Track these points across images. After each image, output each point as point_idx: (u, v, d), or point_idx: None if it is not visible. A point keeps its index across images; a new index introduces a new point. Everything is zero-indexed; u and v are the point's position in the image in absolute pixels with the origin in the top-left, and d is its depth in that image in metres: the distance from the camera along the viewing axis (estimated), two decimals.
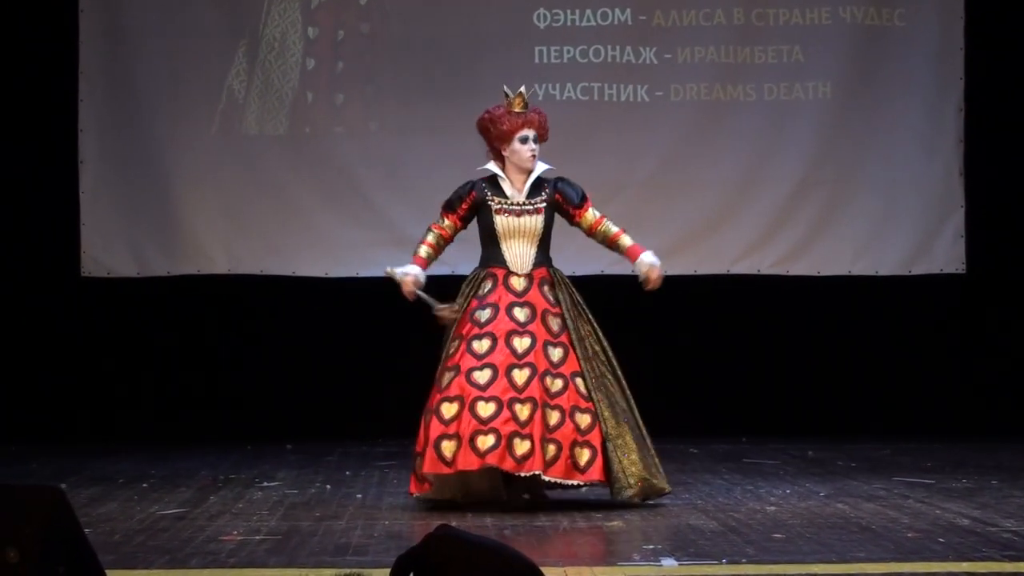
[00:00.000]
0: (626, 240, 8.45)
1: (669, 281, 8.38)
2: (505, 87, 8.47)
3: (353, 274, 11.35)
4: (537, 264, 8.34)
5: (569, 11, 11.50)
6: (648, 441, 8.20)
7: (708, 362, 11.25)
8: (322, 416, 11.15)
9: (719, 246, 11.37)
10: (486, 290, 8.29)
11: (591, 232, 8.51)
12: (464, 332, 8.19)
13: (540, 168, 8.41)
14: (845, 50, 11.52)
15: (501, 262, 8.36)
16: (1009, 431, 11.01)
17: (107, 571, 4.60)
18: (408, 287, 8.43)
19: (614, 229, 8.46)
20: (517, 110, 8.39)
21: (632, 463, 8.09)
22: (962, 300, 11.54)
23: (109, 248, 11.38)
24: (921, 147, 11.48)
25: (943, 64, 11.49)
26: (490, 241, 8.44)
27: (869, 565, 6.47)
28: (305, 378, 11.32)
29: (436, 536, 2.20)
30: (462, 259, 11.30)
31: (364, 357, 11.33)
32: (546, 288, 8.30)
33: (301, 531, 7.39)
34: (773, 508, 8.07)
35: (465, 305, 8.31)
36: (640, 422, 8.22)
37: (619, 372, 8.26)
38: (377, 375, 11.28)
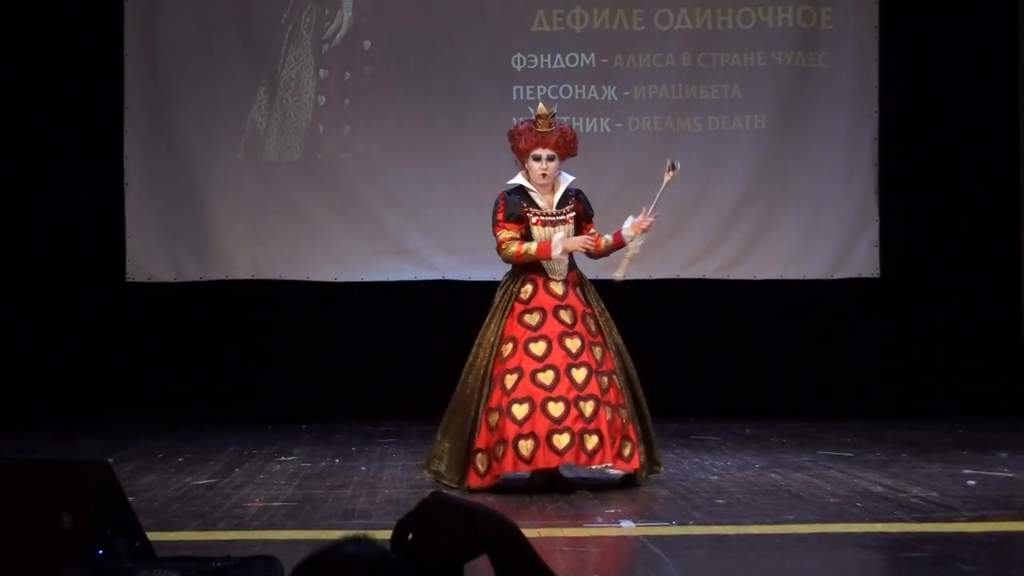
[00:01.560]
0: (608, 236, 7.95)
1: (629, 284, 8.35)
2: (540, 104, 8.09)
3: (359, 279, 11.36)
4: (570, 269, 7.87)
5: (542, 56, 11.51)
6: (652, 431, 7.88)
7: (661, 353, 11.22)
8: (332, 400, 11.14)
9: (671, 254, 11.36)
10: (529, 294, 7.76)
11: None
12: (517, 335, 7.65)
13: (565, 182, 7.94)
14: (777, 88, 11.53)
15: (539, 269, 7.80)
16: (917, 412, 11.03)
17: (148, 533, 4.59)
18: (581, 242, 7.80)
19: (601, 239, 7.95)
20: (539, 129, 7.88)
21: (645, 452, 7.73)
22: (876, 301, 11.57)
23: (150, 257, 11.38)
24: (841, 170, 11.51)
25: (860, 100, 11.51)
26: None
27: (797, 526, 6.48)
28: (317, 368, 11.31)
29: (430, 501, 2.19)
30: (452, 264, 11.34)
31: (367, 349, 11.33)
32: (579, 290, 7.85)
33: (314, 498, 7.39)
34: (716, 478, 8.08)
35: (509, 308, 7.76)
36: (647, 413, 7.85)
37: (633, 368, 7.89)
38: (378, 365, 11.28)
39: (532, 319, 7.68)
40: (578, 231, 7.90)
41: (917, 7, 11.50)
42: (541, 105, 8.09)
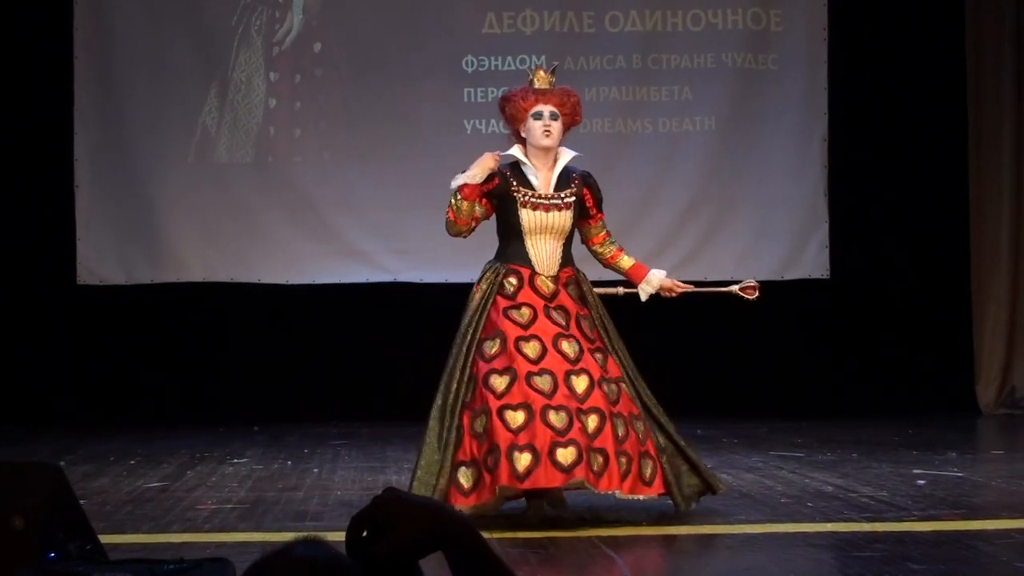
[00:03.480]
0: (627, 259, 6.92)
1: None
2: (538, 63, 7.10)
3: (309, 281, 11.35)
4: (563, 264, 6.64)
5: (492, 58, 11.53)
6: (683, 442, 6.67)
7: None
8: (284, 402, 11.13)
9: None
10: (513, 288, 6.54)
11: (592, 242, 6.87)
12: (506, 331, 6.42)
13: (567, 156, 6.70)
14: (727, 90, 11.58)
15: (525, 260, 6.59)
16: (867, 412, 11.09)
17: (100, 536, 4.57)
18: (487, 161, 6.56)
19: (614, 248, 6.90)
20: (537, 86, 6.74)
21: (687, 472, 6.60)
22: (826, 302, 11.62)
23: (101, 259, 11.35)
24: (791, 172, 11.56)
25: (810, 102, 11.57)
26: (513, 236, 6.63)
27: (748, 526, 6.50)
28: (269, 370, 11.29)
29: (383, 498, 2.19)
30: (403, 267, 11.34)
31: (318, 351, 11.33)
32: (571, 288, 6.63)
33: (266, 500, 7.37)
34: None
35: (489, 301, 6.55)
36: (670, 425, 6.68)
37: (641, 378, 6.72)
38: (330, 366, 11.27)
39: (521, 315, 6.48)
40: (579, 221, 6.73)
41: (866, 9, 11.56)
42: (533, 68, 7.14)
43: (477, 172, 6.54)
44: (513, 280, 6.55)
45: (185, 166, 11.42)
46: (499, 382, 6.29)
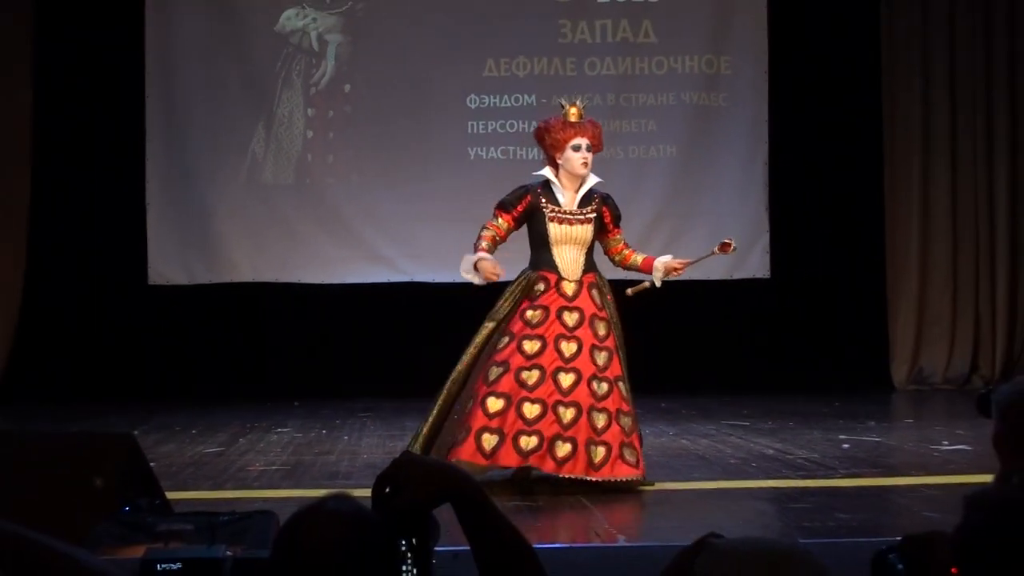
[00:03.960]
0: (638, 256, 6.82)
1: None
2: (562, 99, 6.84)
3: (340, 281, 11.34)
4: (586, 270, 6.56)
5: (492, 96, 11.51)
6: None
7: None
8: (319, 381, 11.09)
9: (601, 261, 11.36)
10: (538, 292, 6.46)
11: (611, 252, 6.81)
12: (515, 330, 6.37)
13: (592, 180, 6.64)
14: (686, 123, 11.57)
15: (552, 267, 6.51)
16: (801, 388, 11.07)
17: (167, 493, 4.56)
18: (487, 270, 6.49)
19: (628, 251, 6.84)
20: (572, 120, 6.63)
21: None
22: (768, 297, 11.62)
23: (167, 264, 11.34)
24: (739, 190, 11.55)
25: (754, 132, 11.56)
26: (542, 246, 6.56)
27: (703, 483, 6.51)
28: (307, 354, 11.27)
29: (400, 460, 2.20)
30: (418, 269, 11.33)
31: (348, 338, 11.31)
32: (594, 292, 6.52)
33: (304, 463, 7.37)
34: None
35: (517, 302, 6.48)
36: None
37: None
38: (357, 351, 11.26)
39: (534, 316, 6.41)
40: (599, 235, 6.67)
41: (800, 57, 11.55)
42: (563, 99, 6.86)
43: (475, 279, 6.59)
44: (541, 286, 6.48)
45: (237, 186, 11.41)
46: (494, 372, 6.28)
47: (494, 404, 6.20)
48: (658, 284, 6.83)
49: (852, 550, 4.62)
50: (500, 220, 6.60)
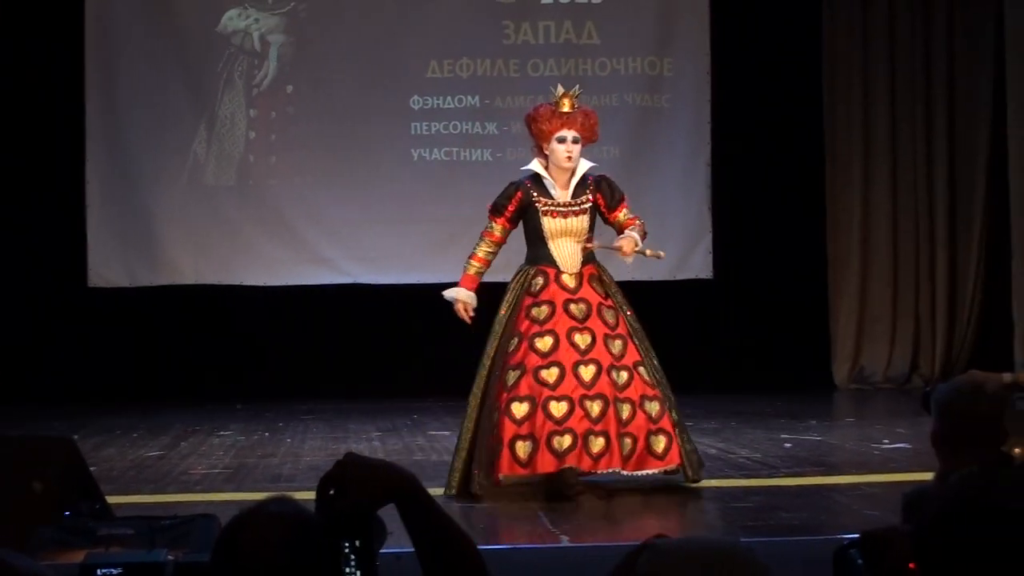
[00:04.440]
0: (634, 230, 6.51)
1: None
2: (559, 85, 6.59)
3: (283, 283, 11.30)
4: (585, 262, 6.38)
5: (435, 97, 11.50)
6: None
7: None
8: (262, 383, 11.05)
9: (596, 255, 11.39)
10: (539, 287, 6.25)
11: (620, 228, 6.55)
12: (523, 329, 6.14)
13: (584, 167, 6.42)
14: (629, 124, 11.60)
15: (551, 261, 6.31)
16: (743, 388, 11.13)
17: (108, 497, 4.53)
18: (460, 313, 6.45)
19: (633, 223, 6.56)
20: (563, 110, 6.36)
21: (692, 451, 6.27)
22: (710, 297, 11.67)
23: (108, 266, 11.27)
24: (681, 191, 11.60)
25: (696, 133, 11.62)
26: (538, 241, 6.37)
27: (648, 482, 6.50)
28: (249, 356, 11.22)
29: (344, 461, 2.20)
30: (361, 270, 11.30)
31: (290, 340, 11.26)
32: (595, 283, 6.36)
33: (247, 466, 7.33)
34: None
35: (519, 300, 6.28)
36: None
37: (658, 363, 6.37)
38: (300, 353, 11.22)
39: (540, 312, 6.19)
40: (595, 221, 6.47)
41: (741, 57, 11.61)
42: (560, 86, 6.59)
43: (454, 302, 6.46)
44: (540, 280, 6.28)
45: (179, 187, 11.34)
46: (512, 376, 6.05)
47: (519, 409, 5.97)
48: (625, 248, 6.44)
49: (794, 549, 4.65)
50: (495, 226, 6.44)
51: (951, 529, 2.21)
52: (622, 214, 6.53)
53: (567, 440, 5.91)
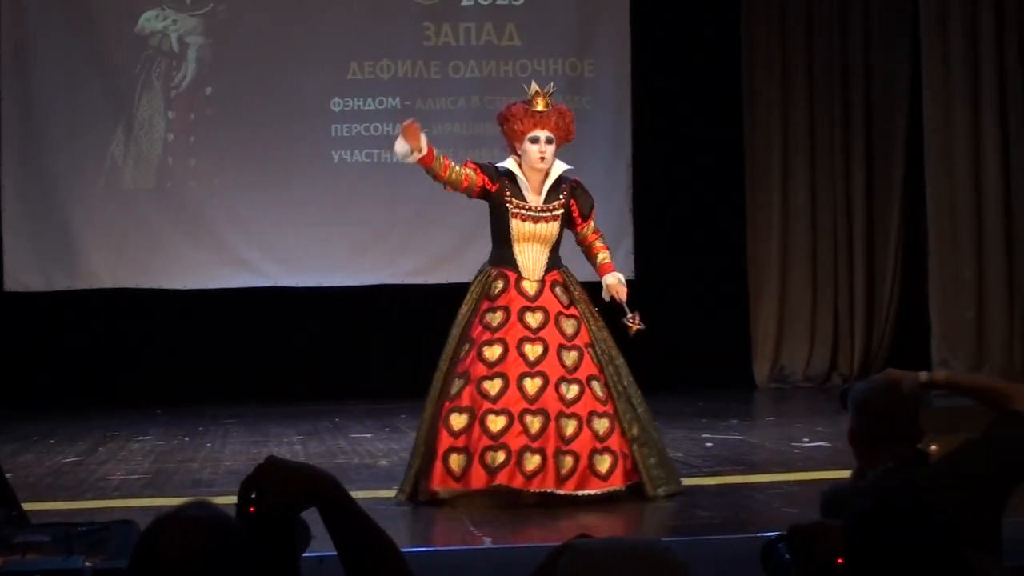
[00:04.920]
0: (603, 256, 6.45)
1: (436, 286, 8.28)
2: (533, 83, 6.40)
3: (203, 286, 11.22)
4: (549, 268, 6.17)
5: (356, 99, 11.46)
6: (656, 435, 6.18)
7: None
8: (182, 387, 10.94)
9: (465, 262, 11.33)
10: (497, 291, 6.05)
11: (583, 244, 6.45)
12: (475, 335, 5.95)
13: (558, 169, 6.22)
14: None
15: (513, 265, 6.11)
16: (663, 387, 11.14)
17: (24, 504, 4.48)
18: (408, 128, 6.04)
19: (599, 244, 6.46)
20: (536, 109, 6.18)
21: (655, 465, 6.02)
22: (633, 298, 11.68)
23: (25, 270, 11.12)
24: (602, 193, 11.44)
25: (617, 135, 11.66)
26: (503, 241, 6.18)
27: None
28: (168, 360, 11.10)
29: (264, 465, 2.19)
30: (281, 273, 11.24)
31: (210, 344, 11.16)
32: (558, 290, 6.15)
33: (167, 471, 7.28)
34: None
35: (477, 302, 6.07)
36: (654, 424, 6.24)
37: (629, 373, 6.27)
38: (220, 356, 11.12)
39: (494, 318, 5.98)
40: (566, 227, 6.28)
41: (663, 59, 11.67)
42: (534, 84, 6.41)
43: (406, 148, 6.07)
44: (499, 284, 6.07)
45: (96, 191, 11.22)
46: (456, 386, 5.86)
47: (457, 421, 5.78)
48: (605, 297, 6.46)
49: (714, 547, 4.69)
50: (472, 173, 6.15)
51: (872, 526, 2.25)
52: (589, 228, 6.39)
53: (500, 456, 5.72)
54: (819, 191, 11.92)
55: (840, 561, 2.34)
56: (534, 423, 5.76)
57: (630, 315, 6.51)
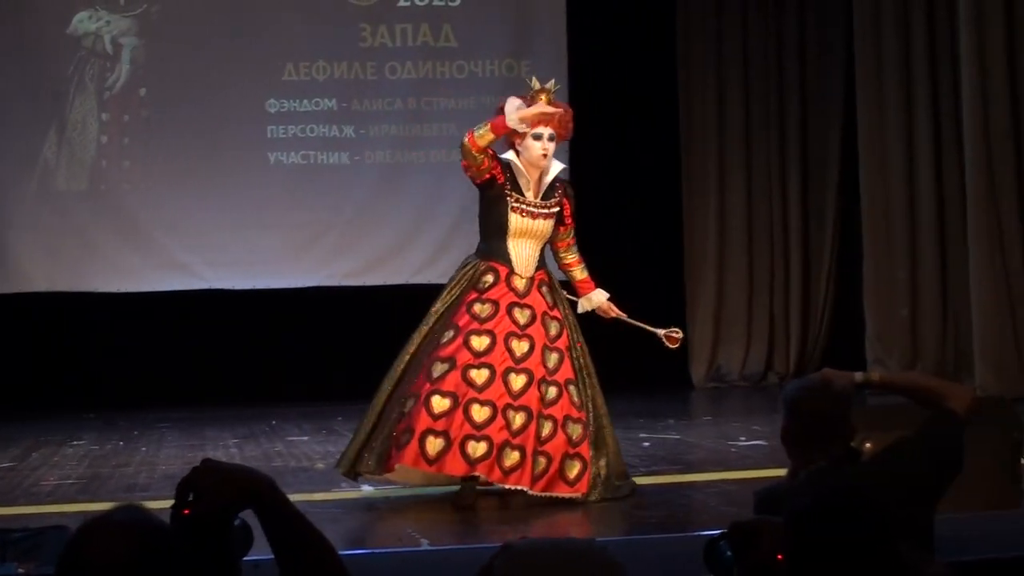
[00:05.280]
0: (579, 273, 6.53)
1: (372, 288, 8.23)
2: (534, 79, 6.39)
3: (137, 289, 11.13)
4: (538, 267, 6.20)
5: (291, 100, 11.41)
6: (618, 445, 6.18)
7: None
8: (116, 391, 10.86)
9: (402, 264, 11.38)
10: (487, 284, 6.01)
11: (558, 245, 6.40)
12: (462, 324, 5.88)
13: (555, 168, 6.19)
14: None
15: (505, 260, 6.09)
16: (602, 388, 11.20)
17: None
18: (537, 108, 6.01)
19: (574, 256, 6.52)
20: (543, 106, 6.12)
21: (604, 466, 6.02)
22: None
23: None
24: None
25: None
26: (497, 235, 6.16)
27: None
28: (103, 364, 11.01)
29: (200, 467, 2.18)
30: (217, 276, 11.17)
31: (145, 347, 11.08)
32: (544, 290, 6.15)
33: (101, 476, 7.21)
34: None
35: (462, 293, 6.02)
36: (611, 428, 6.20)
37: (596, 379, 6.24)
38: (156, 360, 11.05)
39: (483, 310, 5.94)
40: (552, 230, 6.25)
41: (597, 59, 11.72)
42: (536, 80, 6.39)
43: (520, 124, 5.99)
44: (489, 277, 6.04)
45: (29, 194, 11.11)
46: (438, 369, 5.78)
47: (439, 404, 5.69)
48: (579, 310, 6.52)
49: (651, 546, 4.71)
50: (489, 153, 6.10)
51: (811, 524, 2.28)
52: (569, 232, 6.40)
53: (482, 447, 5.68)
54: (754, 193, 12.00)
55: (780, 558, 2.36)
56: (516, 419, 5.74)
57: (667, 330, 6.76)
